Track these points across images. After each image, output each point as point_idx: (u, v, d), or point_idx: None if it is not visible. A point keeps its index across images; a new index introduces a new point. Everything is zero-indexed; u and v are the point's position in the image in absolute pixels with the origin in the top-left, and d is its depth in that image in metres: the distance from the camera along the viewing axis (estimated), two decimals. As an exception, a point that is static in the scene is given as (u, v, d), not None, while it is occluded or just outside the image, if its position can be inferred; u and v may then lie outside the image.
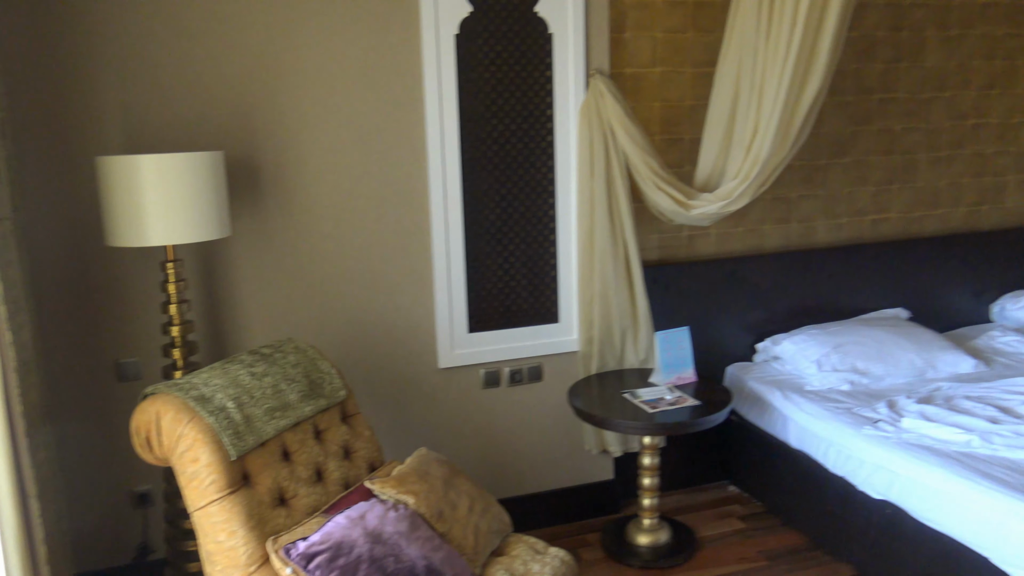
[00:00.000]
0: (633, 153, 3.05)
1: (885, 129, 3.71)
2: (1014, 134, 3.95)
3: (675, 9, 3.29)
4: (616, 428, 2.86)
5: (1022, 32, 3.85)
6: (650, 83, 3.32)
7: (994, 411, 2.83)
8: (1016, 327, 3.81)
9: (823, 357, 3.28)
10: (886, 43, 3.63)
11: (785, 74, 2.82)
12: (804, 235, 3.68)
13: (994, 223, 4.01)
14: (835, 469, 2.88)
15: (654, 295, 3.30)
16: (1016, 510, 2.27)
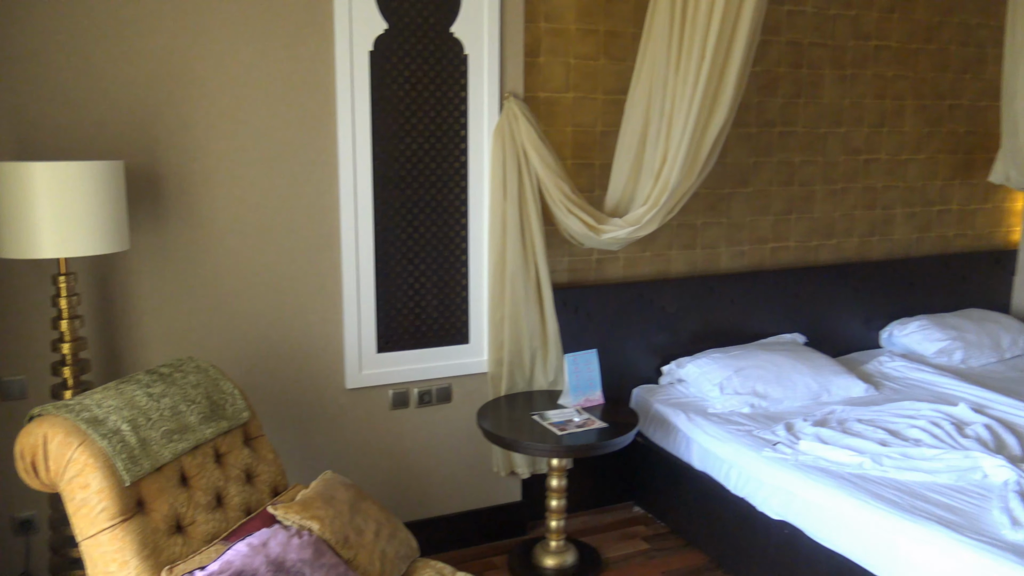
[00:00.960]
0: (545, 176, 3.08)
1: (785, 161, 3.87)
2: (902, 170, 4.18)
3: (588, 37, 3.35)
4: (525, 450, 2.86)
5: (909, 75, 4.09)
6: (563, 108, 3.36)
7: (884, 434, 2.96)
8: (903, 352, 4.01)
9: (725, 380, 3.37)
10: (787, 79, 3.79)
11: (693, 105, 2.91)
12: (708, 261, 3.79)
13: (883, 253, 4.22)
14: (736, 490, 2.95)
15: (564, 317, 3.33)
16: (904, 529, 2.37)
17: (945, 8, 4.10)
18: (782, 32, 3.73)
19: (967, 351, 3.91)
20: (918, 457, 2.76)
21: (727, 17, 2.83)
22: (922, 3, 4.04)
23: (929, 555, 2.29)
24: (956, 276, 4.36)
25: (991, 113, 4.28)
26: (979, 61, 4.26)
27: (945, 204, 4.34)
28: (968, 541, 2.24)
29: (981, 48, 4.25)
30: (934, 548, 2.29)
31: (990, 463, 2.65)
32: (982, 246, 4.50)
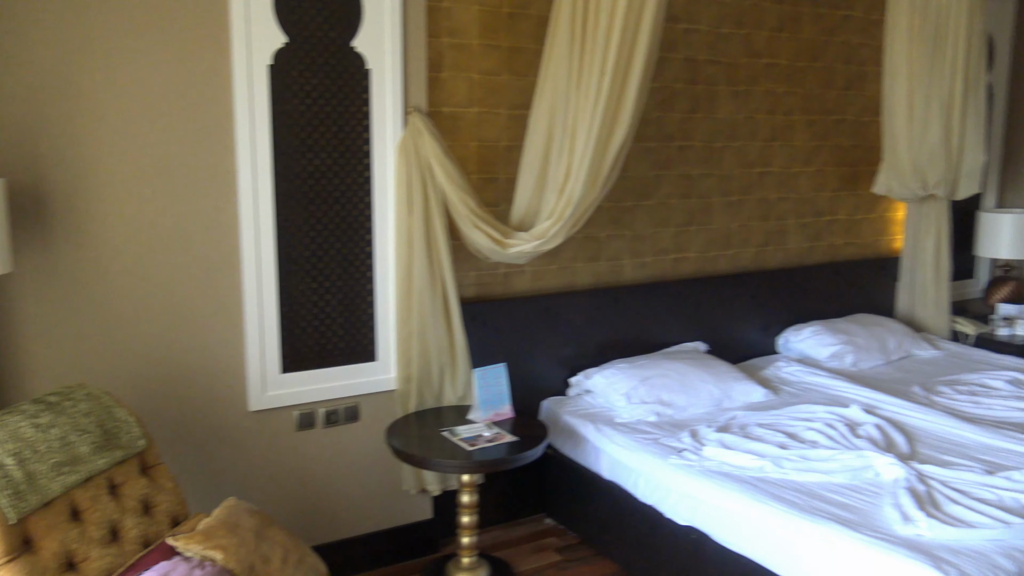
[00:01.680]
0: (451, 191, 3.07)
1: (684, 174, 3.97)
2: (793, 182, 4.35)
3: (491, 52, 3.37)
4: (435, 467, 2.84)
5: (798, 91, 4.27)
6: (467, 123, 3.37)
7: (783, 437, 3.06)
8: (798, 357, 4.16)
9: (631, 390, 3.42)
10: (684, 95, 3.91)
11: (595, 120, 2.96)
12: (613, 273, 3.85)
13: (778, 262, 4.38)
14: (644, 498, 3.00)
15: (472, 332, 3.32)
16: (804, 529, 2.46)
17: (829, 28, 4.31)
18: (678, 49, 3.84)
19: (857, 354, 4.09)
20: (815, 458, 2.87)
21: (626, 34, 2.90)
22: (808, 23, 4.23)
23: (827, 553, 2.38)
24: (845, 283, 4.56)
25: (873, 128, 4.51)
26: (861, 79, 4.49)
27: (834, 214, 4.54)
28: (863, 537, 2.34)
29: (863, 66, 4.47)
30: (831, 546, 2.38)
31: (881, 461, 2.78)
32: (868, 254, 4.73)
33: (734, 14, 3.98)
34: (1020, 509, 2.48)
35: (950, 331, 4.64)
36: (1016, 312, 4.66)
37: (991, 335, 4.67)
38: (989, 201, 5.08)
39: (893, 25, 4.07)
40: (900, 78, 4.07)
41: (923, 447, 3.03)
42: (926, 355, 4.28)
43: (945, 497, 2.55)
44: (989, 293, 4.93)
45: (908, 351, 4.28)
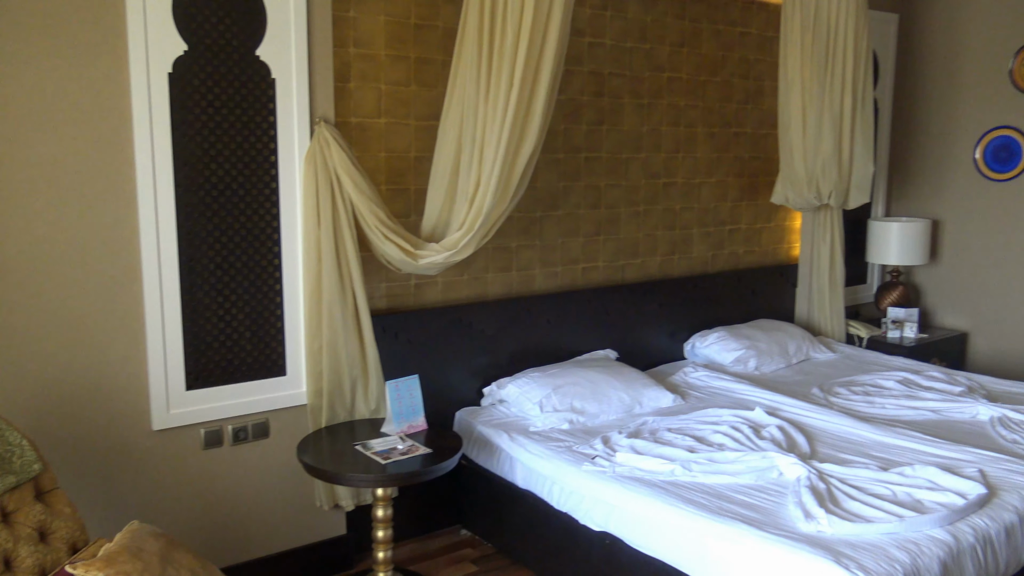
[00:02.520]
0: (360, 202, 3.05)
1: (592, 185, 4.05)
2: (696, 193, 4.49)
3: (398, 63, 3.36)
4: (348, 482, 2.80)
5: (699, 104, 4.41)
6: (376, 133, 3.35)
7: (691, 441, 3.14)
8: (705, 363, 4.28)
9: (544, 398, 3.45)
10: (590, 107, 3.98)
11: (504, 132, 2.99)
12: (524, 283, 3.89)
13: (683, 270, 4.50)
14: (559, 505, 3.03)
15: (384, 344, 3.30)
16: (713, 530, 2.52)
17: (727, 44, 4.47)
18: (584, 63, 3.91)
19: (760, 359, 4.24)
20: (722, 461, 2.95)
21: (533, 47, 2.94)
22: (707, 39, 4.38)
23: (735, 552, 2.45)
24: (747, 289, 4.73)
25: (771, 140, 4.69)
26: (758, 93, 4.66)
27: (735, 223, 4.70)
28: (768, 536, 2.42)
29: (759, 81, 4.65)
30: (739, 545, 2.45)
31: (784, 461, 2.88)
32: (768, 261, 4.91)
33: (637, 29, 4.08)
34: (912, 503, 2.61)
35: (845, 334, 4.86)
36: (904, 315, 4.91)
37: (882, 337, 4.90)
38: (878, 210, 5.35)
39: (786, 42, 4.25)
40: (794, 93, 4.26)
41: (822, 446, 3.16)
42: (823, 358, 4.47)
43: (844, 494, 2.67)
44: (880, 297, 5.19)
45: (807, 354, 4.46)
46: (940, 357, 4.82)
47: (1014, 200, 4.88)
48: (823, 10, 4.13)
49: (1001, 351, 5.00)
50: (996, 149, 4.92)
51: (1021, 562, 2.63)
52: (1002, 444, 3.19)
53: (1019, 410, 3.46)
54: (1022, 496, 2.69)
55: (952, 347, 5.01)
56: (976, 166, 5.02)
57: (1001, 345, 5.01)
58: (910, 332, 4.89)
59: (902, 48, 5.29)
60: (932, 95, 5.20)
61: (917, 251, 4.95)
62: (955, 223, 5.16)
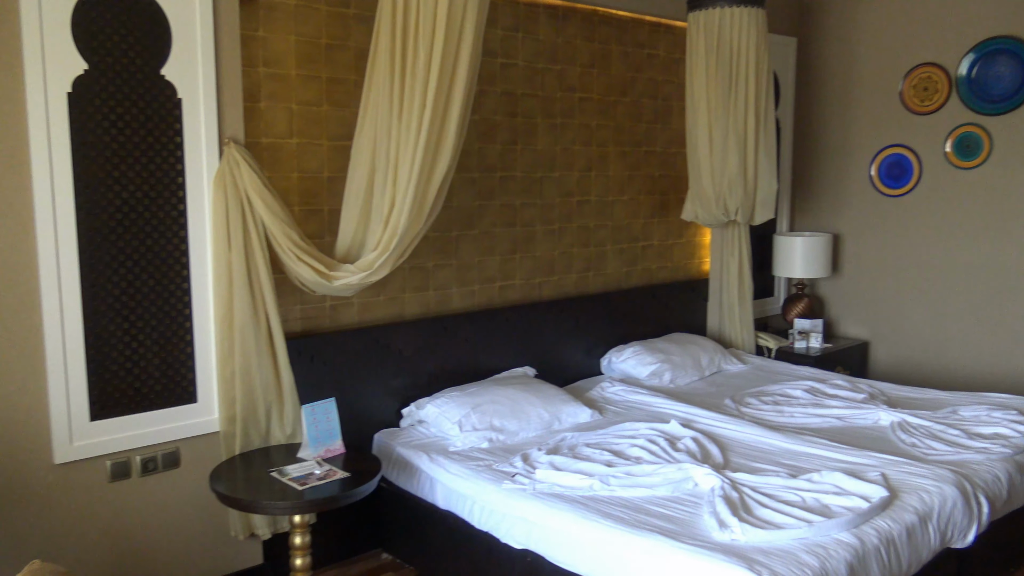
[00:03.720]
0: (272, 224, 2.99)
1: (507, 204, 4.08)
2: (610, 210, 4.57)
3: (310, 83, 3.33)
4: (264, 510, 2.73)
5: (610, 124, 4.50)
6: (287, 154, 3.30)
7: (609, 455, 3.18)
8: (621, 377, 4.35)
9: (464, 418, 3.45)
10: (504, 127, 4.02)
11: (418, 152, 2.99)
12: (441, 302, 3.88)
13: (599, 287, 4.58)
14: (480, 525, 3.02)
15: (299, 367, 3.24)
16: (631, 543, 2.56)
17: (636, 66, 4.58)
18: (497, 83, 3.95)
19: (674, 372, 4.33)
20: (639, 474, 3.00)
21: (445, 67, 2.96)
22: (617, 60, 4.48)
23: (653, 564, 2.49)
24: (661, 304, 4.83)
25: (679, 159, 4.82)
26: (667, 113, 4.79)
27: (648, 240, 4.81)
28: (684, 546, 2.47)
29: (667, 101, 4.78)
30: (657, 557, 2.49)
31: (699, 472, 2.95)
32: (680, 276, 5.03)
33: (548, 50, 4.15)
34: (820, 508, 2.70)
35: (755, 346, 5.01)
36: (810, 326, 5.10)
37: (790, 348, 5.08)
38: (782, 225, 5.55)
39: (692, 64, 4.39)
40: (700, 113, 4.39)
41: (735, 456, 3.25)
42: (735, 369, 4.60)
43: (756, 502, 2.74)
44: (786, 309, 5.37)
45: (719, 366, 4.57)
46: (844, 366, 5.02)
47: (907, 214, 5.14)
48: (725, 34, 4.28)
49: (899, 358, 5.24)
50: (890, 166, 5.18)
51: (922, 561, 2.75)
52: (902, 448, 3.34)
53: (917, 415, 3.63)
54: (921, 498, 2.82)
55: (854, 356, 5.23)
56: (872, 182, 5.27)
57: (899, 353, 5.25)
58: (815, 342, 5.08)
59: (801, 70, 5.52)
60: (830, 115, 5.44)
61: (820, 264, 5.15)
62: (854, 237, 5.39)
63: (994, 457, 3.21)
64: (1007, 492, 3.12)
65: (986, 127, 4.77)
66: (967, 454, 3.23)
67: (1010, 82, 4.64)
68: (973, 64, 4.77)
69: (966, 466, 3.12)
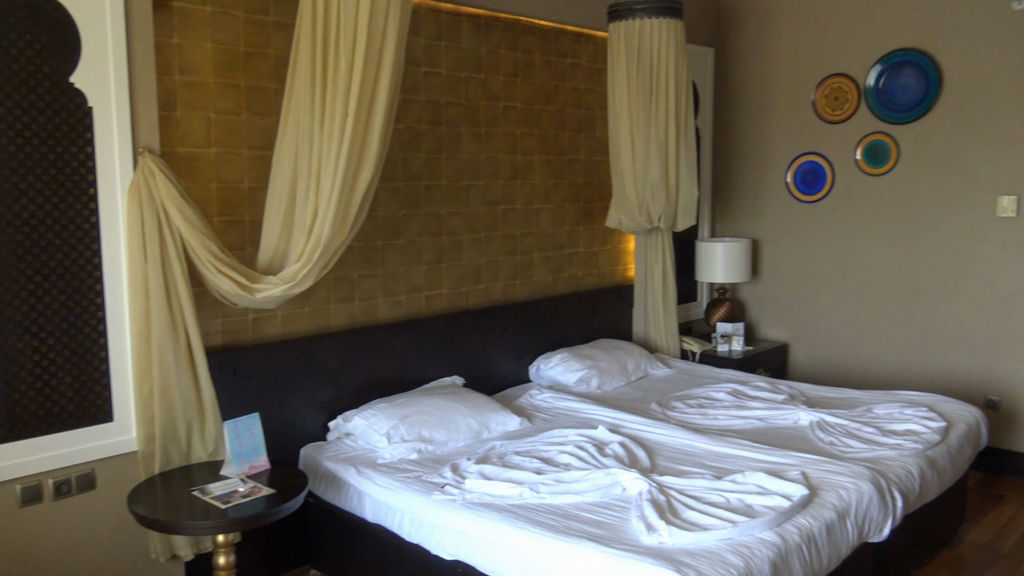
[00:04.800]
0: (190, 235, 2.92)
1: (432, 213, 4.06)
2: (535, 218, 4.60)
3: (228, 91, 3.26)
4: (186, 531, 2.65)
5: (534, 132, 4.53)
6: (206, 163, 3.23)
7: (539, 463, 3.19)
8: (550, 384, 4.37)
9: (392, 429, 3.41)
10: (428, 136, 4.01)
11: (340, 161, 2.96)
12: (367, 313, 3.84)
13: (526, 294, 4.60)
14: (410, 537, 2.99)
15: (221, 382, 3.16)
16: (561, 550, 2.57)
17: (559, 75, 4.63)
18: (421, 92, 3.94)
19: (601, 377, 4.38)
20: (568, 480, 3.02)
21: (367, 76, 2.94)
22: (540, 69, 4.51)
23: (583, 570, 2.50)
24: (587, 311, 4.88)
25: (603, 167, 4.88)
26: (590, 122, 4.85)
27: (573, 247, 4.85)
28: (613, 551, 2.49)
29: (590, 110, 4.84)
30: (586, 563, 2.50)
31: (626, 477, 2.98)
32: (606, 283, 5.09)
33: (472, 59, 4.16)
34: (744, 508, 2.76)
35: (679, 350, 5.10)
36: (732, 330, 5.22)
37: (713, 352, 5.19)
38: (704, 232, 5.68)
39: (613, 74, 4.45)
40: (622, 122, 4.46)
41: (662, 460, 3.29)
42: (660, 374, 4.67)
43: (682, 505, 2.78)
44: (709, 314, 5.49)
45: (645, 371, 4.64)
46: (765, 368, 5.16)
47: (821, 220, 5.31)
48: (645, 44, 4.35)
49: (817, 359, 5.41)
50: (804, 173, 5.35)
51: (841, 556, 2.83)
52: (821, 447, 3.44)
53: (834, 414, 3.75)
54: (839, 495, 2.91)
55: (775, 358, 5.38)
56: (788, 189, 5.43)
57: (816, 354, 5.42)
58: (737, 345, 5.20)
59: (719, 80, 5.66)
60: (747, 124, 5.60)
61: (740, 269, 5.28)
62: (772, 242, 5.55)
63: (907, 453, 3.34)
64: (919, 486, 3.25)
65: (893, 135, 4.97)
66: (881, 451, 3.35)
67: (915, 92, 4.85)
68: (880, 75, 4.97)
69: (881, 463, 3.23)
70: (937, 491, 3.44)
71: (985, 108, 4.64)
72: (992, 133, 4.63)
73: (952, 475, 3.57)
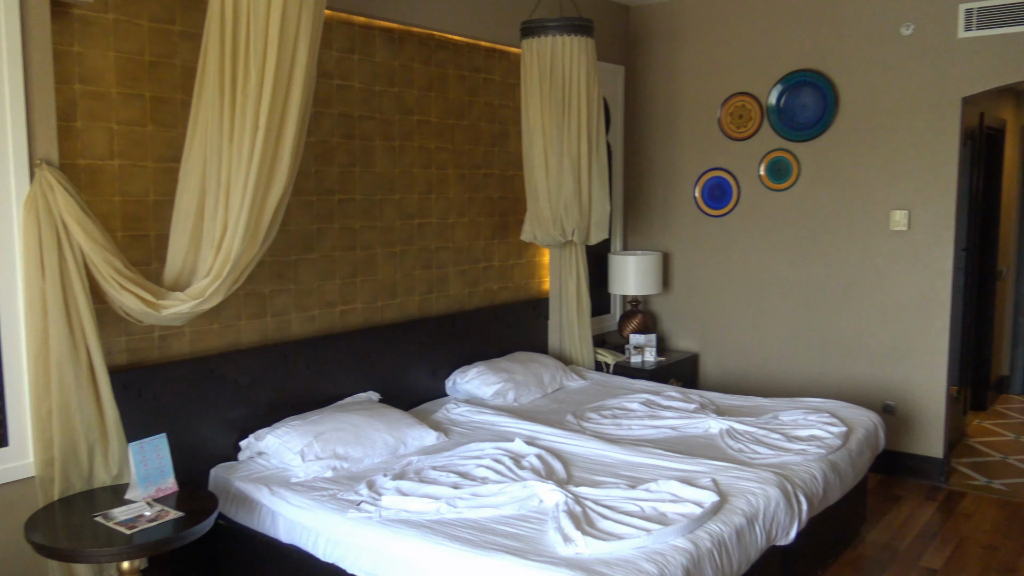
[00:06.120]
0: (92, 251, 2.81)
1: (346, 227, 4.02)
2: (450, 232, 4.60)
3: (132, 102, 3.16)
4: (87, 559, 2.54)
5: (449, 147, 4.54)
6: (109, 176, 3.12)
7: (456, 477, 3.19)
8: (466, 398, 4.37)
9: (306, 447, 3.35)
10: (341, 149, 3.97)
11: (251, 174, 2.90)
12: (280, 329, 3.77)
13: (442, 308, 4.59)
14: (326, 557, 2.94)
15: (125, 403, 3.04)
16: (479, 565, 2.56)
17: (473, 89, 4.65)
18: (333, 105, 3.90)
19: (518, 390, 4.40)
20: (486, 494, 3.02)
21: (278, 88, 2.90)
22: (454, 84, 4.53)
23: (502, 583, 2.51)
24: (503, 324, 4.90)
25: (518, 181, 4.93)
26: (504, 136, 4.89)
27: (489, 261, 4.87)
28: (531, 563, 2.50)
29: (504, 125, 4.89)
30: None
31: (543, 489, 3.00)
32: (521, 296, 5.12)
33: (385, 73, 4.14)
34: (658, 516, 2.82)
35: (594, 362, 5.17)
36: (644, 341, 5.33)
37: (626, 363, 5.28)
38: (616, 245, 5.78)
39: (526, 90, 4.51)
40: (536, 137, 4.51)
41: (577, 471, 3.33)
42: (576, 385, 4.73)
43: (598, 515, 2.82)
44: (622, 325, 5.59)
45: (561, 383, 4.69)
46: (676, 377, 5.28)
47: (728, 233, 5.49)
48: (558, 61, 4.42)
49: (726, 369, 5.57)
50: (711, 188, 5.52)
51: (751, 560, 2.92)
52: (730, 454, 3.54)
53: (743, 421, 3.87)
54: (748, 500, 3.00)
55: (686, 368, 5.51)
56: (696, 203, 5.59)
57: (725, 363, 5.58)
58: (650, 356, 5.31)
59: (629, 97, 5.80)
60: (657, 140, 5.74)
61: (652, 281, 5.40)
62: (682, 255, 5.70)
63: (811, 458, 3.47)
64: (823, 490, 3.38)
65: (794, 152, 5.18)
66: (787, 456, 3.47)
67: (813, 112, 5.07)
68: (781, 94, 5.17)
69: (787, 468, 3.35)
70: (839, 493, 3.59)
71: (878, 127, 4.89)
72: (885, 151, 4.88)
73: (853, 478, 3.73)
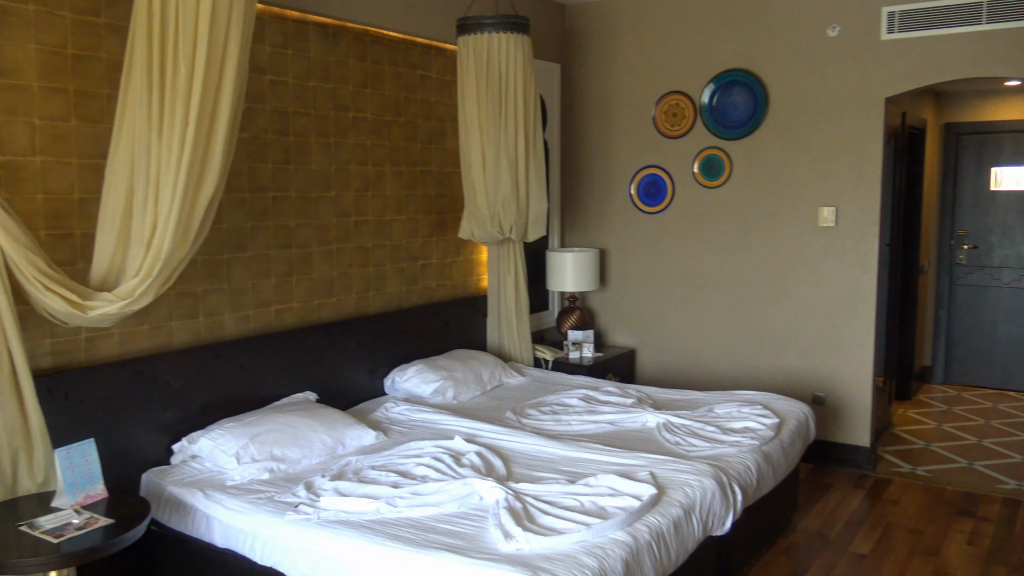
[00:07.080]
0: (13, 250, 2.70)
1: (281, 225, 3.96)
2: (388, 230, 4.57)
3: (54, 96, 3.06)
4: (12, 570, 2.44)
5: (385, 144, 4.50)
6: (30, 173, 3.01)
7: (395, 476, 3.17)
8: (405, 397, 4.35)
9: (241, 449, 3.29)
10: (275, 146, 3.90)
11: (181, 172, 2.84)
12: (213, 329, 3.69)
13: (379, 307, 4.55)
14: (263, 561, 2.89)
15: (50, 407, 2.94)
16: (420, 564, 2.55)
17: (409, 86, 4.62)
18: (267, 101, 3.83)
19: (457, 388, 4.39)
20: (426, 492, 3.01)
21: (209, 82, 2.83)
22: (390, 80, 4.50)
23: (443, 581, 2.51)
24: (441, 322, 4.88)
25: (455, 178, 4.92)
26: (441, 133, 4.87)
27: (427, 259, 4.85)
28: (472, 561, 2.50)
29: (441, 122, 4.87)
30: (445, 574, 2.50)
31: (483, 486, 3.00)
32: (459, 293, 5.12)
33: (320, 69, 4.09)
34: (597, 511, 2.85)
35: (533, 358, 5.20)
36: (582, 337, 5.37)
37: (565, 359, 5.32)
38: (554, 242, 5.82)
39: (463, 87, 4.49)
40: (473, 134, 4.50)
41: (517, 467, 3.34)
42: (515, 382, 4.74)
43: (538, 510, 2.84)
44: (560, 322, 5.62)
45: (500, 380, 4.70)
46: (614, 373, 5.34)
47: (663, 230, 5.57)
48: (494, 58, 4.42)
49: (663, 363, 5.66)
50: (647, 185, 5.59)
51: (688, 551, 2.97)
52: (667, 447, 3.60)
53: (679, 415, 3.93)
54: (685, 492, 3.05)
55: (623, 363, 5.57)
56: (632, 200, 5.66)
57: (662, 358, 5.66)
58: (588, 352, 5.36)
59: (565, 95, 5.83)
60: (593, 137, 5.79)
61: (589, 278, 5.44)
62: (618, 252, 5.76)
63: (744, 449, 3.55)
64: (756, 480, 3.46)
65: (726, 150, 5.28)
66: (722, 448, 3.54)
67: (744, 110, 5.18)
68: (713, 94, 5.27)
69: (722, 459, 3.42)
70: (772, 483, 3.68)
71: (806, 125, 5.02)
72: (812, 149, 5.01)
73: (785, 468, 3.82)
